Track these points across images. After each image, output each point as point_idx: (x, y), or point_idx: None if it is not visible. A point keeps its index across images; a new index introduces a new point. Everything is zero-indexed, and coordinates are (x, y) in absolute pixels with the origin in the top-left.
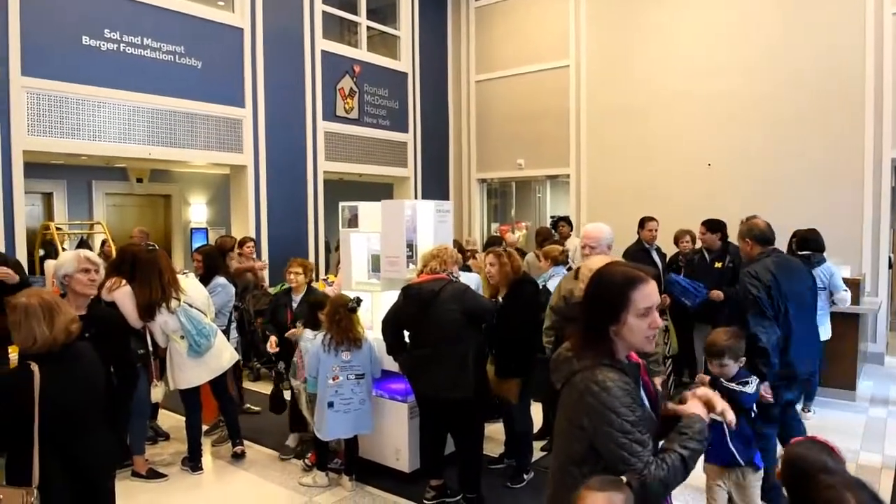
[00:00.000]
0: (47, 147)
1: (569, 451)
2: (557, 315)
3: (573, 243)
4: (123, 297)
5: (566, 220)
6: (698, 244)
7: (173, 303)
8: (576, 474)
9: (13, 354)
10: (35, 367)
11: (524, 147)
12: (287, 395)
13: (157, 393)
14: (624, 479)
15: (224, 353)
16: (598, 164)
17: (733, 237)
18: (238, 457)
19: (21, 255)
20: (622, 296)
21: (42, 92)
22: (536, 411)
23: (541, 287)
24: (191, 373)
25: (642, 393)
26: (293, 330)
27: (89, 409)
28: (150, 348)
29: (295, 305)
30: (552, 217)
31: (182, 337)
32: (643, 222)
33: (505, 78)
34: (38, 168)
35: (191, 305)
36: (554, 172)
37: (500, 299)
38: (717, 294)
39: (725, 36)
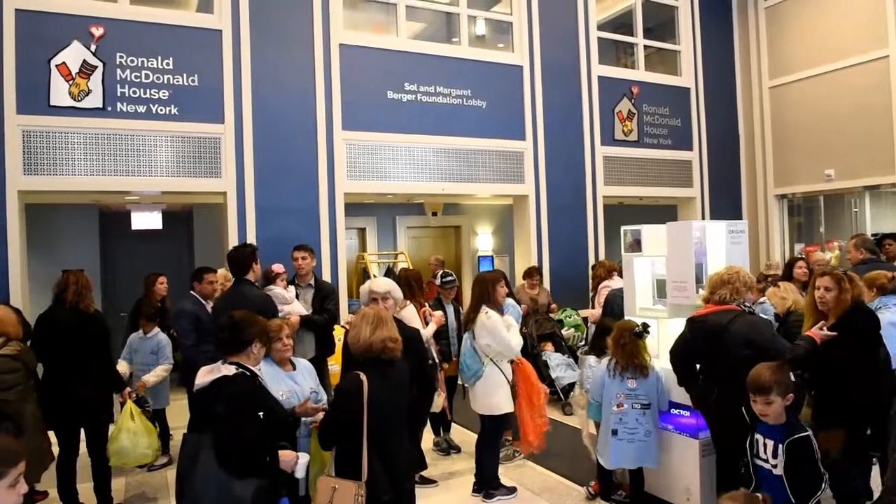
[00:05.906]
0: (362, 189)
1: None
2: None
3: None
4: (411, 316)
5: (894, 237)
6: None
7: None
8: None
9: (335, 365)
10: (363, 377)
11: (833, 155)
12: None
13: (438, 402)
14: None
15: (490, 399)
16: None
17: None
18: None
19: (342, 281)
20: None
21: (356, 142)
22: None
23: None
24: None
25: None
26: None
27: (400, 415)
28: (436, 360)
29: None
30: (874, 235)
31: None
32: None
33: (805, 80)
34: (354, 207)
35: (474, 338)
36: (875, 182)
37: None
38: None
39: None
